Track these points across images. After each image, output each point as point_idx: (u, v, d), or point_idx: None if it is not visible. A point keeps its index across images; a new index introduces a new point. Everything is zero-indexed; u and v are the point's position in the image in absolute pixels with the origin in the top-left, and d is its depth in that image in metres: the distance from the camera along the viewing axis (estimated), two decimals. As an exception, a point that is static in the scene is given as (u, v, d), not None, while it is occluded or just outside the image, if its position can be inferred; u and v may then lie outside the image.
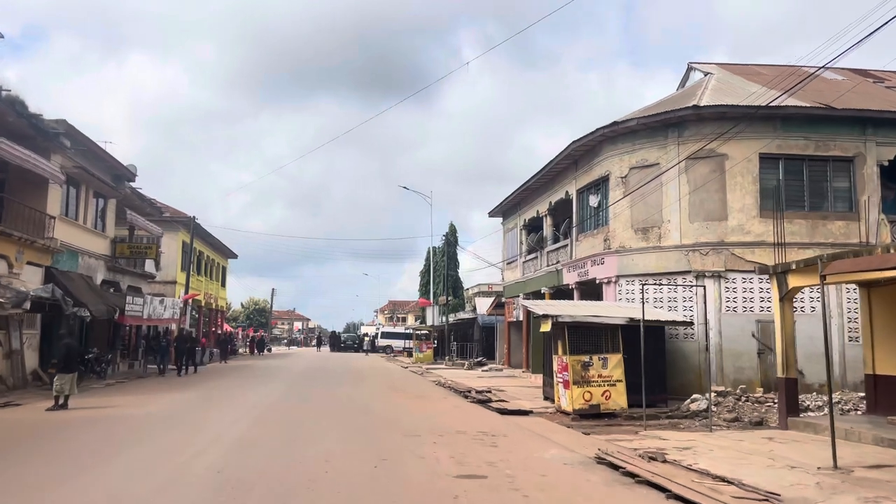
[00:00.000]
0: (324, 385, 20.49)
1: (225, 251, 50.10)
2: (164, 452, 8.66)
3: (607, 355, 14.39)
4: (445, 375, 26.98)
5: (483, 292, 51.55)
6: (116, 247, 25.89)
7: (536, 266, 26.88)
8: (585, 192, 21.90)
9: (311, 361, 39.09)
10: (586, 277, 21.07)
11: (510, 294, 30.99)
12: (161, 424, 11.23)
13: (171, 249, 36.55)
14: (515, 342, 31.35)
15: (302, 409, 13.32)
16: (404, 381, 23.31)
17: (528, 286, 27.67)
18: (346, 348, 61.53)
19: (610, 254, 19.66)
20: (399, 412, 13.44)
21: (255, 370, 29.25)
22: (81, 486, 6.78)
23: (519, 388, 21.51)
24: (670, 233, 18.47)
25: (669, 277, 18.44)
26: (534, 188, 26.80)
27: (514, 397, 18.19)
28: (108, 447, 9.19)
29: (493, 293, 51.18)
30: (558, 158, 22.71)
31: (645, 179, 18.80)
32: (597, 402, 14.13)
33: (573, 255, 22.64)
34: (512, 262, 30.77)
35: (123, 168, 25.88)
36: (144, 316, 25.17)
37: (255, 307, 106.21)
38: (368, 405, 14.61)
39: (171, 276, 36.31)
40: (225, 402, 15.06)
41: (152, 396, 16.32)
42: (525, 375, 27.36)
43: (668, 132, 18.74)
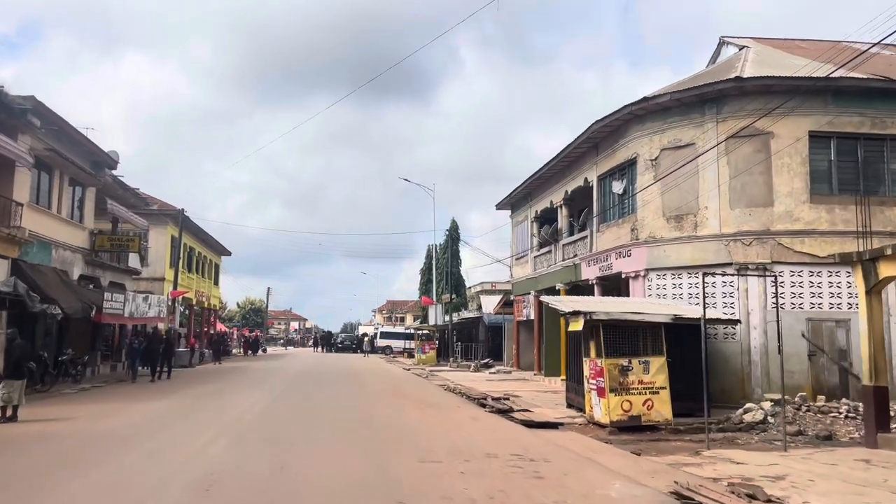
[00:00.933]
0: (319, 391, 18.40)
1: (218, 248, 48.06)
2: (108, 489, 6.69)
3: (649, 358, 12.44)
4: (452, 378, 25.01)
5: (487, 290, 49.66)
6: (96, 239, 23.86)
7: (550, 260, 24.93)
8: (608, 178, 19.95)
9: (306, 363, 37.08)
10: (609, 272, 19.13)
11: (519, 291, 29.04)
12: (118, 445, 9.21)
13: (160, 244, 34.53)
14: (525, 343, 29.40)
15: (293, 424, 11.19)
16: (409, 385, 21.30)
17: (541, 282, 25.72)
18: (344, 349, 59.41)
19: (638, 245, 17.72)
20: (409, 426, 11.41)
21: (246, 373, 27.24)
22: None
23: (535, 394, 19.57)
24: (708, 221, 16.53)
25: (707, 270, 16.48)
26: (547, 176, 24.85)
27: (534, 405, 16.25)
28: (40, 477, 7.22)
29: (496, 291, 49.29)
30: (577, 142, 20.76)
31: (678, 162, 16.85)
32: (637, 412, 12.18)
33: (593, 248, 20.69)
34: (521, 257, 28.82)
35: (103, 154, 23.88)
36: (126, 314, 23.18)
37: (251, 307, 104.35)
38: (372, 417, 12.55)
39: (160, 272, 34.29)
40: (203, 413, 12.93)
41: (121, 406, 14.31)
42: (537, 378, 25.43)
43: (706, 108, 16.80)
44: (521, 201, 28.92)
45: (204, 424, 11.07)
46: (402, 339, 53.22)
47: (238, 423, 11.28)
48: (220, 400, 15.53)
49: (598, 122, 18.98)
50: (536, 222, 27.09)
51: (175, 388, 18.76)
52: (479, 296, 45.77)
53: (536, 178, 25.40)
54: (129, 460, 8.08)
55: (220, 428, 10.58)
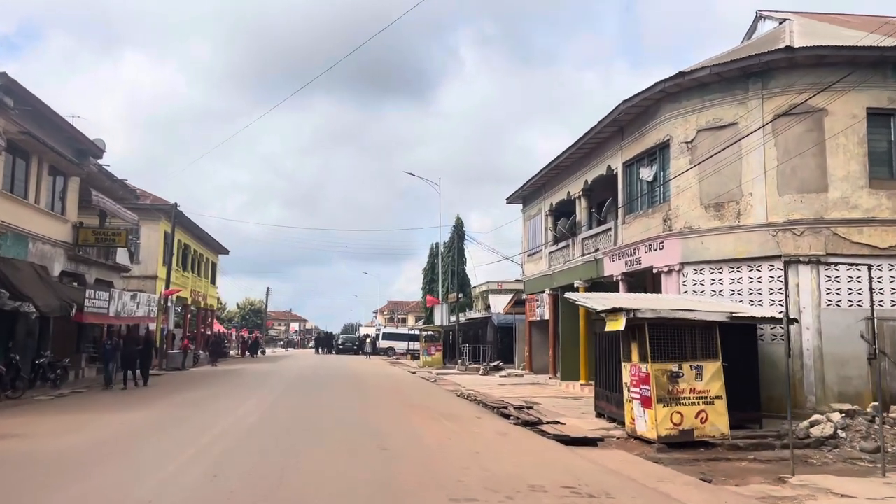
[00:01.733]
0: (319, 399, 16.52)
1: (215, 246, 46.40)
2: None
3: (701, 363, 10.74)
4: (462, 383, 23.32)
5: (493, 290, 47.93)
6: (79, 233, 22.17)
7: (567, 256, 23.22)
8: (636, 165, 18.26)
9: (306, 365, 35.39)
10: (637, 267, 17.43)
11: (532, 290, 27.33)
12: (69, 472, 7.50)
13: (152, 241, 32.92)
14: (538, 344, 27.70)
15: (286, 446, 9.29)
16: (417, 391, 19.54)
17: (557, 280, 24.02)
18: (346, 350, 57.69)
19: (671, 237, 16.03)
20: (428, 446, 9.61)
21: (241, 376, 25.55)
22: None
23: (555, 400, 17.89)
24: (753, 209, 14.84)
25: (751, 264, 14.82)
26: (564, 166, 23.15)
27: (559, 413, 14.56)
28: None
29: (502, 291, 47.58)
30: (600, 126, 19.06)
31: (718, 143, 15.17)
32: (689, 425, 10.48)
33: (618, 241, 19.00)
34: (534, 253, 27.12)
35: (88, 142, 22.19)
36: (111, 313, 21.48)
37: (250, 308, 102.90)
38: (382, 433, 10.70)
39: (152, 270, 32.63)
40: (181, 429, 10.94)
41: (92, 418, 12.56)
42: (553, 383, 23.73)
43: (750, 84, 15.11)
44: (533, 194, 27.22)
45: (179, 444, 9.31)
46: (405, 341, 51.53)
47: (221, 443, 9.51)
48: (204, 411, 13.61)
49: (626, 102, 17.28)
50: (551, 216, 25.40)
51: (157, 396, 16.93)
52: (487, 295, 44.04)
53: (552, 167, 23.70)
54: (70, 495, 6.39)
55: (196, 450, 8.79)
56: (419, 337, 49.92)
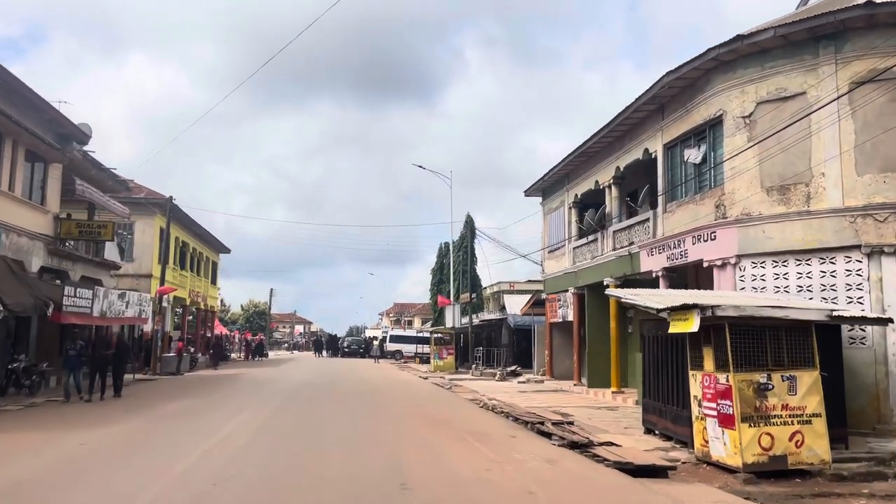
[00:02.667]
0: (323, 412, 14.18)
1: (216, 244, 44.50)
2: None
3: (795, 372, 8.70)
4: (480, 390, 21.31)
5: (504, 290, 45.90)
6: (62, 225, 20.28)
7: (595, 251, 21.20)
8: (679, 146, 16.24)
9: (310, 370, 33.40)
10: (682, 260, 15.41)
11: (554, 289, 25.30)
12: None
13: (147, 237, 31.04)
14: (560, 348, 25.68)
15: (279, 484, 7.21)
16: (434, 400, 17.45)
17: (583, 277, 22.00)
18: (351, 353, 55.64)
19: (726, 225, 14.01)
20: (463, 481, 7.23)
21: (238, 383, 23.58)
22: None
23: (587, 412, 15.88)
24: (825, 191, 12.81)
25: (823, 256, 12.79)
26: (591, 152, 21.14)
27: (599, 428, 12.57)
28: None
29: (514, 291, 45.55)
30: (636, 105, 17.05)
31: (783, 117, 13.16)
32: (781, 450, 8.45)
33: (657, 232, 16.99)
34: (556, 249, 25.10)
35: (71, 126, 20.31)
36: (95, 313, 19.51)
37: (254, 309, 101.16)
38: (402, 462, 8.30)
39: (146, 268, 30.72)
40: (152, 455, 8.80)
41: (49, 437, 10.51)
42: (578, 390, 21.70)
43: (820, 48, 13.09)
44: (555, 185, 25.21)
45: (141, 481, 7.29)
46: (413, 343, 49.50)
47: (194, 479, 7.41)
48: (183, 430, 11.04)
49: (670, 74, 15.27)
50: (575, 208, 23.39)
51: (133, 408, 14.57)
52: (500, 296, 42.01)
53: (577, 155, 21.69)
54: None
55: (157, 491, 6.77)
56: (429, 339, 48.02)
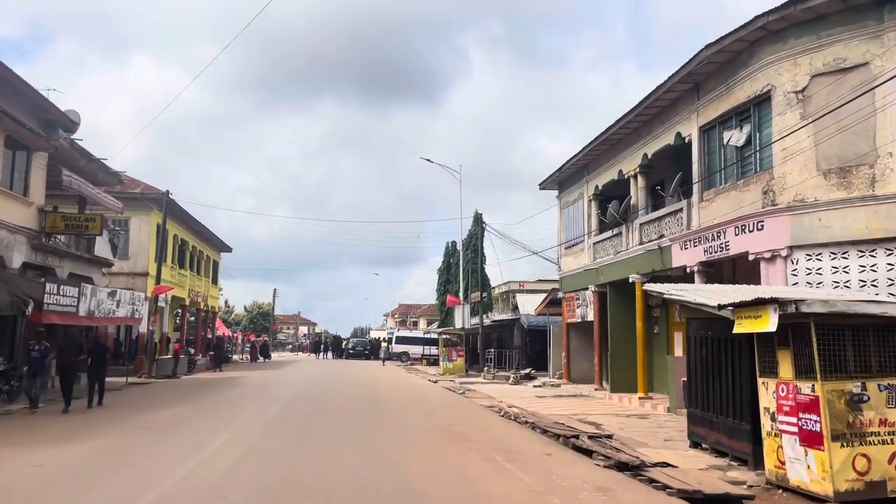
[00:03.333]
0: (325, 425, 12.40)
1: (217, 242, 43.13)
2: None
3: (894, 380, 7.22)
4: (496, 395, 19.87)
5: (514, 290, 44.41)
6: (47, 218, 18.91)
7: (619, 246, 19.72)
8: (718, 128, 14.77)
9: (314, 374, 31.98)
10: (723, 253, 13.95)
11: (571, 287, 23.83)
12: None
13: (143, 234, 29.66)
14: (579, 349, 24.20)
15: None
16: (448, 408, 15.94)
17: (605, 274, 20.53)
18: (356, 355, 54.22)
19: (776, 213, 12.54)
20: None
21: (233, 389, 22.16)
22: None
23: (617, 420, 14.44)
24: (894, 173, 11.33)
25: (892, 246, 11.31)
26: (614, 140, 19.68)
27: (637, 441, 11.13)
28: None
29: (523, 291, 44.07)
30: (668, 85, 15.60)
31: (842, 92, 11.68)
32: (880, 474, 6.98)
33: (692, 224, 15.52)
34: (574, 244, 23.62)
35: (57, 112, 18.95)
36: (81, 312, 18.12)
37: (258, 310, 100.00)
38: (423, 492, 7.35)
39: (143, 266, 29.34)
40: (107, 484, 7.19)
41: (4, 453, 9.16)
42: (600, 395, 20.21)
43: (885, 12, 11.62)
44: (573, 177, 23.74)
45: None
46: (419, 345, 48.12)
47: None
48: (158, 450, 9.45)
49: (709, 47, 13.80)
50: (595, 201, 21.93)
51: (107, 418, 12.96)
52: (509, 295, 40.56)
53: (598, 143, 20.23)
54: None
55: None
56: (436, 341, 46.54)
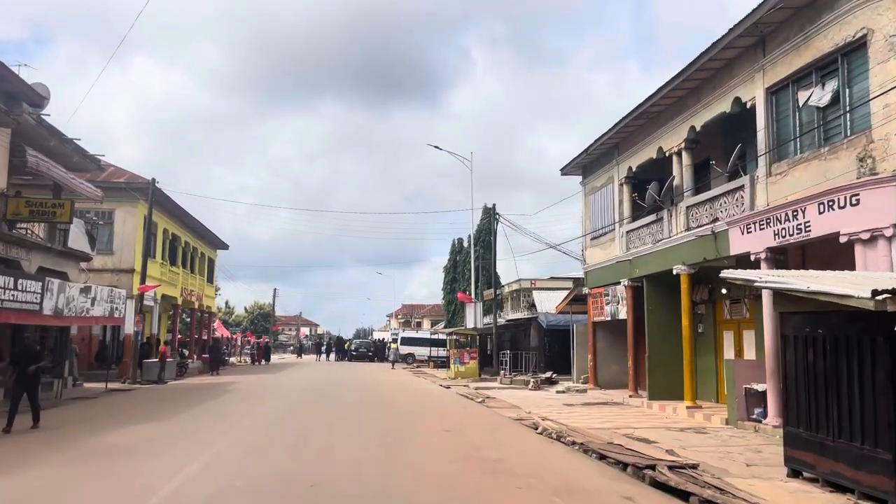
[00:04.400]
0: (323, 453, 9.71)
1: (212, 239, 40.82)
2: None
3: None
4: (520, 404, 17.55)
5: (525, 289, 42.08)
6: (8, 204, 16.65)
7: (659, 233, 17.38)
8: (792, 87, 12.43)
9: (314, 378, 29.65)
10: (800, 236, 11.61)
11: (599, 282, 21.48)
12: None
13: (129, 227, 27.38)
14: (606, 351, 21.88)
15: None
16: (472, 422, 13.45)
17: (641, 266, 18.19)
18: (360, 357, 51.88)
19: (877, 184, 10.20)
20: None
21: (221, 397, 19.87)
22: None
23: (671, 435, 12.13)
24: None
25: None
26: (652, 114, 17.35)
27: (711, 465, 8.77)
28: None
29: (537, 289, 41.80)
30: (727, 41, 13.27)
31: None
32: None
33: (757, 203, 13.19)
34: (602, 234, 21.27)
35: (20, 83, 16.64)
36: (46, 310, 15.88)
37: (259, 311, 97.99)
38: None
39: (128, 262, 27.06)
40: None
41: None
42: (636, 402, 17.87)
43: None
44: (600, 160, 21.40)
45: None
46: (426, 346, 45.73)
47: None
48: (100, 488, 7.33)
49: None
50: (628, 184, 19.59)
51: (52, 440, 10.56)
52: (525, 293, 38.22)
53: (634, 118, 17.89)
54: None
55: None
56: (443, 342, 44.17)
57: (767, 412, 12.59)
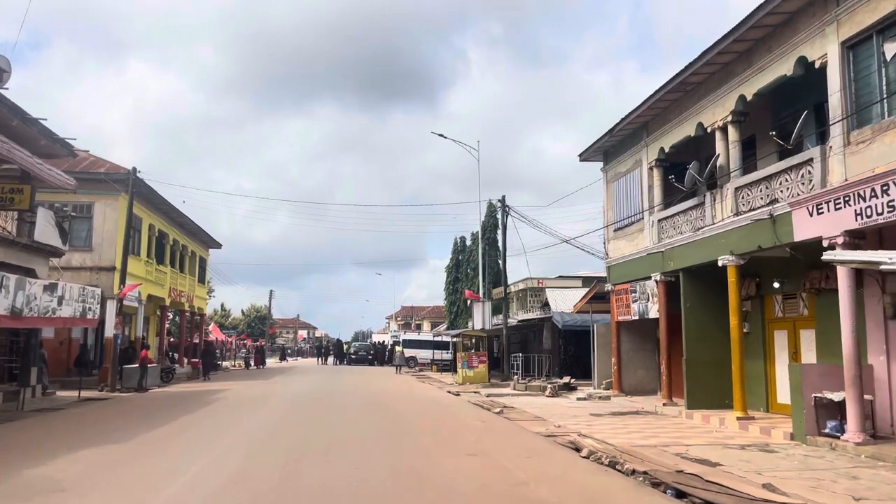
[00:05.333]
0: (314, 491, 7.37)
1: (203, 237, 38.70)
2: None
3: None
4: (541, 413, 15.54)
5: (532, 288, 40.05)
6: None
7: (699, 219, 15.38)
8: (875, 38, 10.44)
9: (310, 385, 27.57)
10: (891, 216, 9.59)
11: (624, 277, 19.45)
12: None
13: (110, 222, 25.30)
14: (631, 353, 19.89)
15: None
16: (498, 441, 11.18)
17: (676, 258, 16.19)
18: (359, 360, 49.77)
19: None
20: None
21: (202, 410, 17.75)
22: None
23: (731, 454, 10.19)
24: None
25: None
26: (691, 85, 15.35)
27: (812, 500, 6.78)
28: None
29: (542, 289, 39.81)
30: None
31: None
32: None
33: (829, 179, 11.18)
34: (628, 224, 19.25)
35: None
36: (2, 311, 13.84)
37: (256, 314, 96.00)
38: None
39: (109, 259, 24.97)
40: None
41: None
42: (671, 412, 15.86)
43: None
44: (626, 142, 19.41)
45: None
46: (429, 349, 43.68)
47: None
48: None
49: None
50: (659, 168, 17.59)
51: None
52: (532, 292, 36.19)
53: (668, 91, 15.88)
54: None
55: None
56: (447, 344, 42.11)
57: (846, 426, 10.61)
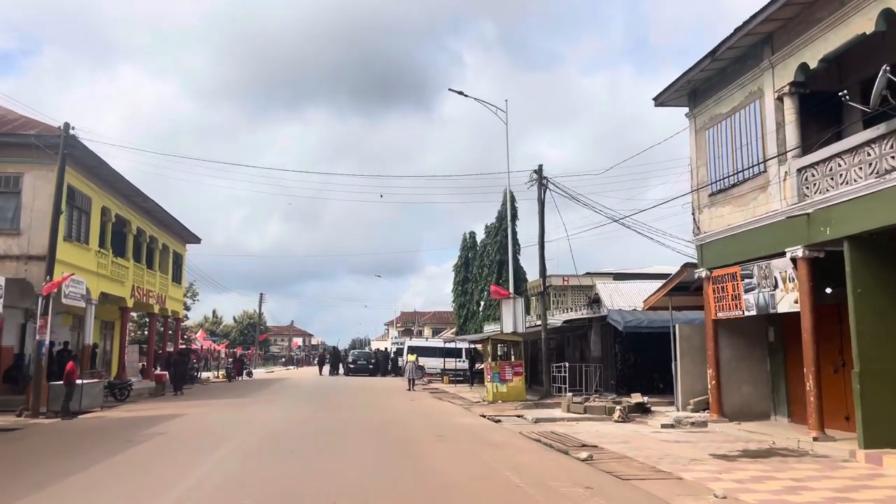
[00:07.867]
0: None
1: (177, 229, 33.17)
2: None
3: None
4: (640, 456, 10.13)
5: (556, 286, 34.58)
6: None
7: (885, 159, 10.03)
8: None
9: (298, 405, 21.99)
10: None
11: (728, 258, 14.06)
12: None
13: (43, 198, 19.76)
14: (735, 363, 14.50)
15: None
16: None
17: (838, 221, 10.86)
18: (358, 370, 44.19)
19: None
20: None
21: (125, 452, 12.39)
22: None
23: None
24: None
25: None
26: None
27: None
28: None
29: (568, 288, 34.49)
30: None
31: None
32: None
33: None
34: (738, 183, 13.89)
35: None
36: None
37: (248, 321, 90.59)
38: None
39: (42, 246, 19.43)
40: None
41: None
42: (836, 451, 10.54)
43: None
44: (730, 70, 14.08)
45: None
46: (438, 357, 38.25)
47: None
48: None
49: None
50: (792, 98, 12.26)
51: None
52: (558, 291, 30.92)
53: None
54: None
55: None
56: (460, 351, 36.67)
57: None
